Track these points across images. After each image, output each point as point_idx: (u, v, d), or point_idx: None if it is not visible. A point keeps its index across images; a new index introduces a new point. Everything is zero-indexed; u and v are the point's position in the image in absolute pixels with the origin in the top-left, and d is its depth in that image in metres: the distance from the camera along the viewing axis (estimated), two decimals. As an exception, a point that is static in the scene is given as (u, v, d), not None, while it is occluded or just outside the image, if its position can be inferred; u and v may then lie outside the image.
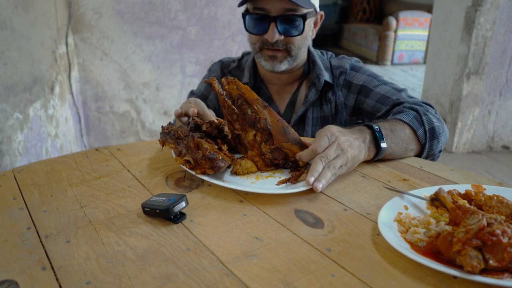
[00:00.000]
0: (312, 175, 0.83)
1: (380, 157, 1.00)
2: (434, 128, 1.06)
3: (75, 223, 0.75)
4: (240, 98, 0.92)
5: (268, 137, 0.91)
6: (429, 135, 1.05)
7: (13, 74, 1.82)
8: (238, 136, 0.98)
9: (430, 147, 1.06)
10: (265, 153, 0.93)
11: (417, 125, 1.05)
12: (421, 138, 1.04)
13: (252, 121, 0.92)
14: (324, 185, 0.84)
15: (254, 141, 0.93)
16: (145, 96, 2.90)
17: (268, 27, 1.16)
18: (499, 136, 3.42)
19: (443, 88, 3.62)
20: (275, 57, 1.21)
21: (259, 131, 0.92)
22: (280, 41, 1.19)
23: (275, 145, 0.91)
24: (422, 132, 1.04)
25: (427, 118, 1.06)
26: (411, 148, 1.05)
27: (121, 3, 2.65)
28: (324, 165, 0.86)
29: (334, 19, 7.87)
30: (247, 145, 0.96)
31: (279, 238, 0.71)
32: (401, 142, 1.02)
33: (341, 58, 1.34)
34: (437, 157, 1.11)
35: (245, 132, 0.95)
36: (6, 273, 0.61)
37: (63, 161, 1.01)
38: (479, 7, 3.05)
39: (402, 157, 1.05)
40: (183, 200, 0.75)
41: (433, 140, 1.06)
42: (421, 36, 6.41)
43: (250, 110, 0.92)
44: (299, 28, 1.18)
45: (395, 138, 1.01)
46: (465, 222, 0.63)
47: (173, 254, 0.66)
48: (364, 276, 0.61)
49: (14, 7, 1.84)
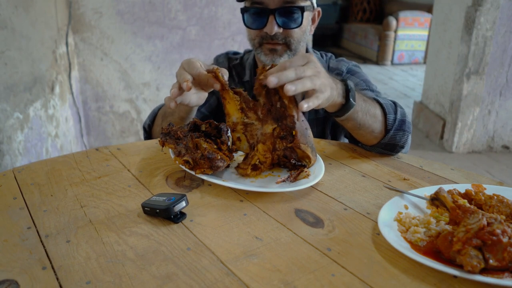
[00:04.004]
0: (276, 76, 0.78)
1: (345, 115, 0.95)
2: (405, 121, 1.05)
3: (75, 222, 0.75)
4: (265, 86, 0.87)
5: (287, 134, 0.88)
6: (398, 124, 1.04)
7: (13, 74, 1.82)
8: (246, 126, 0.94)
9: (393, 136, 1.04)
10: (277, 149, 0.90)
11: (390, 110, 1.04)
12: (389, 123, 1.03)
13: (278, 115, 0.88)
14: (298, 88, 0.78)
15: (271, 135, 0.89)
16: (145, 96, 2.90)
17: (267, 20, 1.17)
18: (499, 136, 3.42)
19: (443, 88, 3.62)
20: (275, 50, 1.21)
21: (281, 126, 0.88)
22: (279, 34, 1.19)
23: (294, 144, 0.88)
24: (393, 119, 1.03)
25: (402, 111, 1.06)
26: (376, 127, 1.02)
27: (121, 3, 2.65)
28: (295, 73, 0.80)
29: (334, 19, 7.87)
30: (259, 137, 0.91)
31: (279, 237, 0.71)
32: (368, 116, 1.00)
33: (340, 60, 1.34)
34: (395, 152, 1.08)
35: (263, 123, 0.90)
36: (7, 272, 0.61)
37: (63, 161, 1.01)
38: (479, 7, 3.05)
39: (364, 132, 1.02)
40: (183, 200, 0.75)
41: (399, 131, 1.04)
42: (421, 36, 6.41)
43: (280, 104, 0.87)
44: (298, 21, 1.18)
45: (365, 107, 0.99)
46: (465, 221, 0.63)
47: (173, 254, 0.66)
48: (364, 275, 0.61)
49: (14, 7, 1.84)
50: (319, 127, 1.32)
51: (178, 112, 1.09)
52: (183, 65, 0.94)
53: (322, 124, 1.32)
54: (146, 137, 1.28)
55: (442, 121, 3.55)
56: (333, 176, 0.95)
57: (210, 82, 0.91)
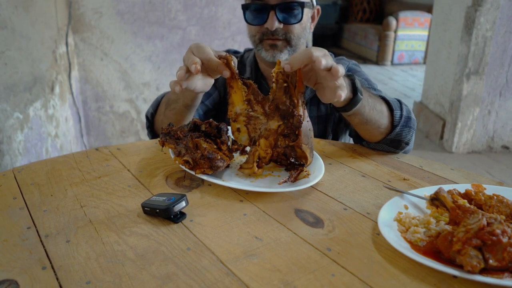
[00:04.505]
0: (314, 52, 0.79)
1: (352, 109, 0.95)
2: (410, 117, 1.06)
3: (75, 222, 0.75)
4: (285, 82, 0.86)
5: (291, 133, 0.88)
6: (404, 120, 1.04)
7: (13, 74, 1.82)
8: (250, 118, 0.93)
9: (400, 132, 1.04)
10: (278, 146, 0.90)
11: (396, 106, 1.04)
12: (395, 119, 1.03)
13: (285, 113, 0.87)
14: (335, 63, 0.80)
15: (276, 131, 0.89)
16: (145, 96, 2.90)
17: (267, 16, 1.18)
18: (499, 136, 3.42)
19: (443, 88, 3.62)
20: (275, 45, 1.22)
21: (287, 124, 0.88)
22: (280, 30, 1.20)
23: (296, 143, 0.88)
24: (399, 115, 1.04)
25: (407, 108, 1.07)
26: (382, 123, 1.02)
27: (121, 3, 2.65)
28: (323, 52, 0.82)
29: (334, 19, 7.87)
30: (262, 132, 0.91)
31: (279, 237, 0.71)
32: (375, 111, 1.00)
33: (340, 59, 1.35)
34: (400, 149, 1.09)
35: (269, 118, 0.89)
36: (6, 272, 0.61)
37: (63, 160, 1.01)
38: (479, 7, 3.05)
39: (370, 127, 1.02)
40: (183, 200, 0.75)
41: (406, 127, 1.05)
42: (421, 36, 6.41)
43: (289, 101, 0.86)
44: (298, 17, 1.20)
45: (372, 103, 0.99)
46: (465, 221, 0.63)
47: (173, 254, 0.66)
48: (364, 275, 0.61)
49: (14, 7, 1.84)
50: (321, 125, 1.33)
51: (183, 98, 1.07)
52: (191, 48, 0.92)
53: (324, 122, 1.33)
54: (148, 126, 1.26)
55: (442, 121, 3.55)
56: (333, 176, 0.95)
57: (220, 69, 0.89)
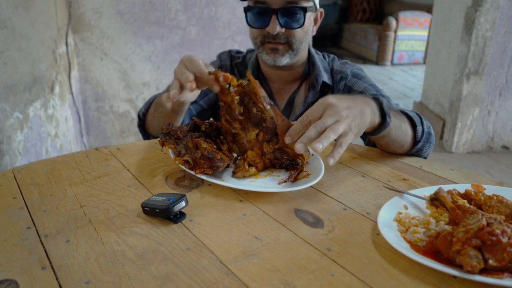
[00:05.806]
0: (301, 141, 0.77)
1: (381, 133, 0.93)
2: (431, 133, 1.07)
3: (75, 222, 0.75)
4: (245, 95, 0.90)
5: (272, 136, 0.90)
6: (426, 136, 1.05)
7: (13, 74, 1.82)
8: (234, 135, 0.96)
9: (421, 148, 1.06)
10: (266, 153, 0.92)
11: (418, 122, 1.04)
12: (418, 135, 1.04)
13: (257, 120, 0.90)
14: (324, 145, 0.75)
15: (256, 140, 0.92)
16: (145, 96, 2.90)
17: (269, 20, 1.18)
18: (499, 136, 3.42)
19: (443, 88, 3.62)
20: (276, 49, 1.22)
21: (263, 130, 0.90)
22: (282, 34, 1.20)
23: (279, 144, 0.89)
24: (421, 131, 1.04)
25: (427, 123, 1.07)
26: (406, 141, 1.03)
27: (121, 3, 2.65)
28: (316, 130, 0.77)
29: (334, 19, 7.87)
30: (246, 145, 0.94)
31: (279, 237, 0.71)
32: (401, 131, 0.99)
33: (344, 63, 1.35)
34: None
35: (246, 131, 0.93)
36: (6, 272, 0.61)
37: (63, 160, 1.01)
38: (479, 7, 3.05)
39: (394, 147, 1.03)
40: (183, 200, 0.75)
41: (427, 143, 1.06)
42: (421, 36, 6.41)
43: (256, 109, 0.89)
44: (300, 21, 1.19)
45: (398, 123, 0.97)
46: (464, 221, 0.63)
47: (173, 254, 0.66)
48: (364, 275, 0.61)
49: (14, 7, 1.84)
50: None
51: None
52: (184, 61, 0.94)
53: None
54: (140, 124, 1.29)
55: (442, 121, 3.55)
56: (333, 176, 0.95)
57: (210, 84, 0.90)
